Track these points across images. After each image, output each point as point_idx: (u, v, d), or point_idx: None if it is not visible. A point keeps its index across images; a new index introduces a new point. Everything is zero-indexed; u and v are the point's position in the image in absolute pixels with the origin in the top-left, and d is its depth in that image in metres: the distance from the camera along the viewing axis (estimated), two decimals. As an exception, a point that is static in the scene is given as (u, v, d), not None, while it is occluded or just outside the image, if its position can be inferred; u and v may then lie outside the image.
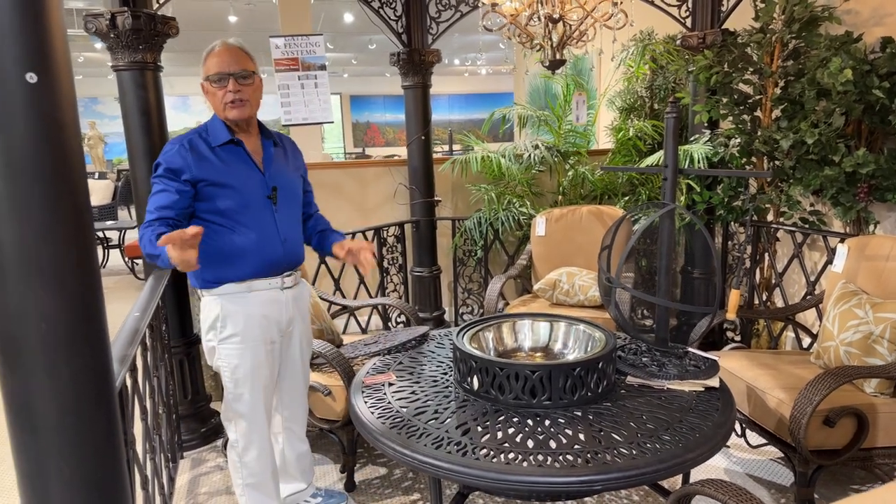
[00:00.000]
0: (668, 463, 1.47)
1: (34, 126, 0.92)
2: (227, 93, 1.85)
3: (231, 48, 1.88)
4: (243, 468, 2.01)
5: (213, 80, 1.86)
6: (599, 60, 5.85)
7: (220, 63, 1.85)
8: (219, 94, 1.86)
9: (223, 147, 1.88)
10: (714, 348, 3.10)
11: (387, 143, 16.96)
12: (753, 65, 3.12)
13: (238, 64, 1.86)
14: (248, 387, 1.94)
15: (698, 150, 3.27)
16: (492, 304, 3.12)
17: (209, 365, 2.01)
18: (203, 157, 1.83)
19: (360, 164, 4.36)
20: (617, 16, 2.47)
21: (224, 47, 1.88)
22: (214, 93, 1.87)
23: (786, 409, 2.06)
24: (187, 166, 1.80)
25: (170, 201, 1.78)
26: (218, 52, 1.87)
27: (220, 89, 1.85)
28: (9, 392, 0.96)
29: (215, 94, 1.87)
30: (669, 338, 2.05)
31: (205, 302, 1.94)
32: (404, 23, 3.75)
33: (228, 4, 8.00)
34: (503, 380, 1.72)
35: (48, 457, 0.97)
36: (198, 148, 1.84)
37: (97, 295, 1.03)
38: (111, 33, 2.49)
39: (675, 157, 1.99)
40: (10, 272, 0.94)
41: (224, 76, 1.85)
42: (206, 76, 1.88)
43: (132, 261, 6.46)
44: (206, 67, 1.88)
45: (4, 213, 0.93)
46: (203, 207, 1.85)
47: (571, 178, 3.99)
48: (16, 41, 0.89)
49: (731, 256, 3.62)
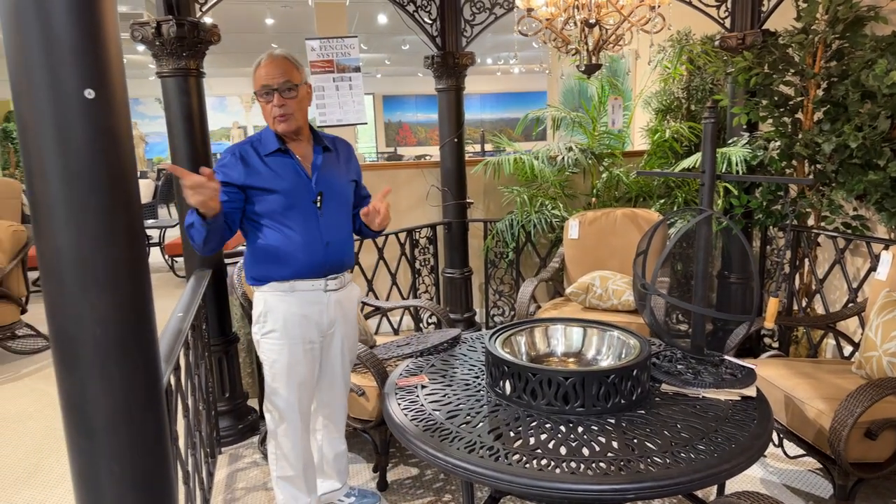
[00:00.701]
0: (702, 473, 1.46)
1: (91, 139, 0.97)
2: (273, 107, 1.92)
3: (275, 60, 1.93)
4: (278, 460, 2.09)
5: (260, 93, 1.92)
6: (635, 61, 5.79)
7: (265, 76, 1.91)
8: (266, 107, 1.94)
9: (272, 155, 1.96)
10: (751, 355, 3.05)
11: (418, 142, 17.03)
12: (795, 66, 3.05)
13: (283, 76, 1.91)
14: (283, 382, 2.01)
15: (736, 153, 3.21)
16: (523, 308, 3.12)
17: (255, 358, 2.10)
18: (252, 167, 1.93)
19: (392, 167, 4.41)
20: (654, 20, 2.44)
21: (269, 60, 1.92)
22: (263, 105, 1.95)
23: (825, 420, 2.02)
24: (239, 173, 1.91)
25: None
26: (264, 65, 1.92)
27: (267, 103, 1.92)
28: (65, 393, 1.01)
29: (264, 106, 1.95)
30: (705, 344, 2.02)
31: (255, 297, 2.05)
32: (439, 26, 3.77)
33: (265, 7, 8.14)
34: (536, 385, 1.72)
35: (101, 456, 1.01)
36: (248, 158, 1.94)
37: (147, 299, 1.07)
38: (156, 41, 2.57)
39: (712, 163, 1.96)
40: (68, 277, 0.99)
41: (269, 90, 1.91)
42: (254, 90, 1.95)
43: (172, 258, 6.65)
44: (254, 80, 1.94)
45: (62, 221, 0.98)
46: (252, 209, 1.96)
47: (606, 181, 3.95)
48: (76, 60, 0.93)
49: (769, 261, 3.55)
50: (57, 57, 0.92)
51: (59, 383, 1.01)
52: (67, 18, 0.92)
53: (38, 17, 0.91)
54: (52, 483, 2.69)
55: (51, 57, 0.92)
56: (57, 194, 0.96)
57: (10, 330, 4.28)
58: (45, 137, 0.94)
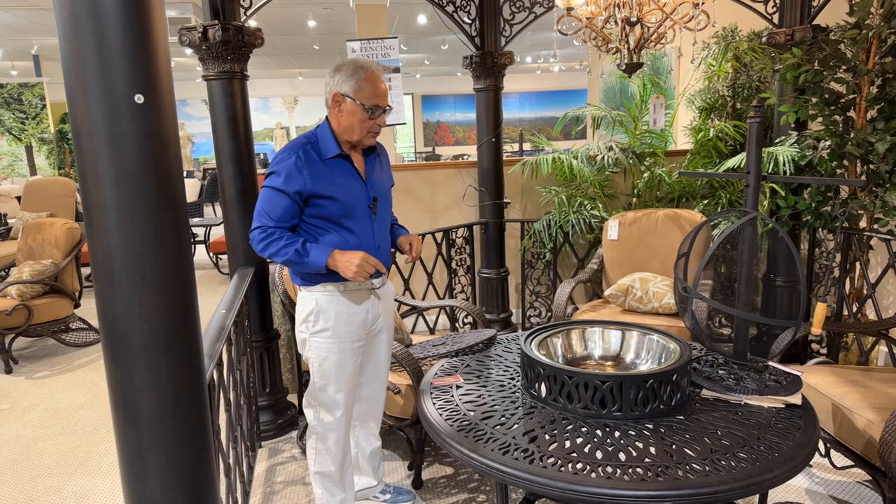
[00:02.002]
0: (743, 482, 1.42)
1: (141, 142, 1.00)
2: (375, 125, 1.96)
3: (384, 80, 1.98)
4: (318, 455, 2.13)
5: (368, 108, 1.93)
6: (678, 59, 5.66)
7: (381, 97, 1.95)
8: (366, 122, 1.95)
9: (332, 159, 1.97)
10: (797, 362, 2.95)
11: (456, 141, 17.06)
12: (847, 62, 2.94)
13: (388, 98, 1.99)
14: (332, 379, 2.05)
15: (784, 152, 3.11)
16: (560, 309, 3.10)
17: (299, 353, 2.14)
18: (316, 172, 1.93)
19: (430, 167, 4.43)
20: (698, 17, 2.39)
21: (382, 79, 1.97)
22: (362, 118, 1.94)
23: (875, 430, 1.94)
24: (303, 182, 1.90)
25: (287, 214, 1.91)
26: (379, 84, 1.95)
27: (370, 119, 1.95)
28: (114, 385, 1.06)
29: (362, 119, 1.95)
30: (749, 350, 1.97)
31: (301, 296, 2.07)
32: (478, 26, 3.77)
33: (308, 9, 8.27)
34: (572, 388, 1.71)
35: (148, 447, 1.06)
36: (312, 161, 1.93)
37: (192, 297, 1.11)
38: (203, 45, 2.64)
39: (758, 164, 1.91)
40: (118, 274, 1.03)
41: (380, 110, 1.96)
42: (357, 99, 1.93)
43: (217, 256, 6.82)
44: (359, 90, 1.93)
45: (113, 221, 1.02)
46: (311, 213, 1.97)
47: (647, 180, 3.88)
48: (127, 66, 0.97)
49: (817, 265, 3.43)
50: (109, 63, 0.96)
51: (109, 376, 1.06)
52: (119, 27, 0.96)
53: (92, 25, 0.95)
54: (102, 471, 2.80)
55: (103, 63, 0.96)
56: (108, 195, 1.00)
57: (65, 323, 4.48)
58: (98, 141, 0.98)
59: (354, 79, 1.92)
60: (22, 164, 11.56)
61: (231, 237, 2.92)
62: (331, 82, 1.95)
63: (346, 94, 1.93)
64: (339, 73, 1.94)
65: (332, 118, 1.98)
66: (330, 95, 1.96)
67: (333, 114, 1.97)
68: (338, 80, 1.93)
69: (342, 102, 1.94)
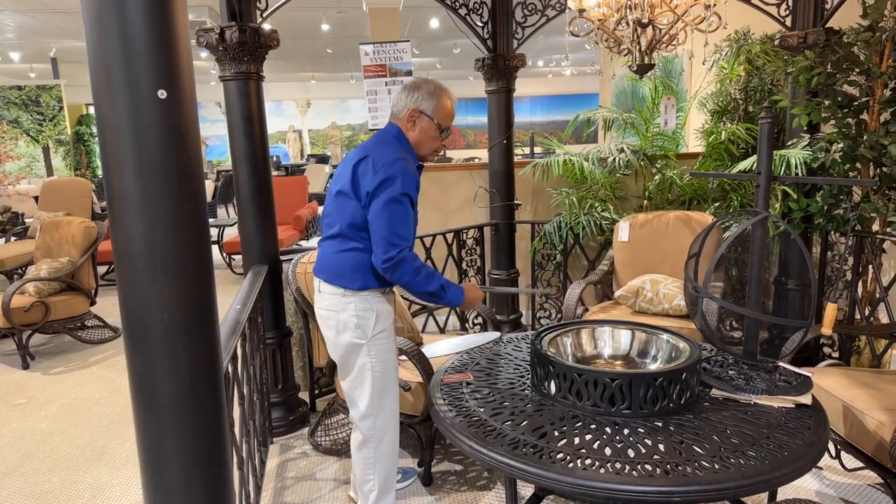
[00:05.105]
0: (752, 479, 1.43)
1: (163, 136, 1.03)
2: (441, 145, 2.04)
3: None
4: (377, 463, 2.12)
5: (443, 128, 2.01)
6: (690, 62, 5.66)
7: (452, 119, 2.04)
8: (437, 141, 2.02)
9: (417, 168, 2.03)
10: (808, 364, 2.94)
11: (467, 145, 17.08)
12: (860, 65, 2.93)
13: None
14: (392, 379, 2.10)
15: (796, 154, 3.10)
16: (571, 310, 3.10)
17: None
18: (416, 178, 1.98)
19: (441, 168, 4.45)
20: (709, 19, 2.40)
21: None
22: (434, 136, 2.01)
23: (886, 432, 1.94)
24: (417, 192, 1.96)
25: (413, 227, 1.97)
26: (453, 107, 2.04)
27: (439, 138, 2.02)
28: (135, 373, 1.09)
29: (434, 137, 2.01)
30: (759, 351, 1.97)
31: (347, 301, 2.00)
32: (490, 29, 3.80)
33: (321, 13, 8.34)
34: (581, 386, 1.72)
35: (166, 432, 1.08)
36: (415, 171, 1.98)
37: (210, 287, 1.14)
38: (220, 46, 2.69)
39: (769, 164, 1.92)
40: (140, 264, 1.06)
41: (448, 132, 2.03)
42: (435, 118, 1.99)
43: (230, 256, 6.89)
44: (440, 110, 2.00)
45: (136, 213, 1.05)
46: None
47: (658, 183, 3.89)
48: (150, 62, 1.00)
49: (829, 268, 3.41)
50: (133, 59, 0.99)
51: (129, 363, 1.09)
52: (143, 22, 0.99)
53: (117, 20, 0.98)
54: (117, 465, 2.84)
55: (128, 59, 0.99)
56: (131, 187, 1.03)
57: (81, 320, 4.54)
58: (122, 134, 1.01)
59: (435, 98, 1.98)
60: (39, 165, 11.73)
61: (245, 235, 2.96)
62: (408, 98, 1.99)
63: (425, 112, 1.98)
64: (419, 90, 1.99)
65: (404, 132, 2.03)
66: (405, 111, 1.99)
67: (406, 128, 2.01)
68: (417, 98, 1.98)
69: (418, 119, 1.99)
